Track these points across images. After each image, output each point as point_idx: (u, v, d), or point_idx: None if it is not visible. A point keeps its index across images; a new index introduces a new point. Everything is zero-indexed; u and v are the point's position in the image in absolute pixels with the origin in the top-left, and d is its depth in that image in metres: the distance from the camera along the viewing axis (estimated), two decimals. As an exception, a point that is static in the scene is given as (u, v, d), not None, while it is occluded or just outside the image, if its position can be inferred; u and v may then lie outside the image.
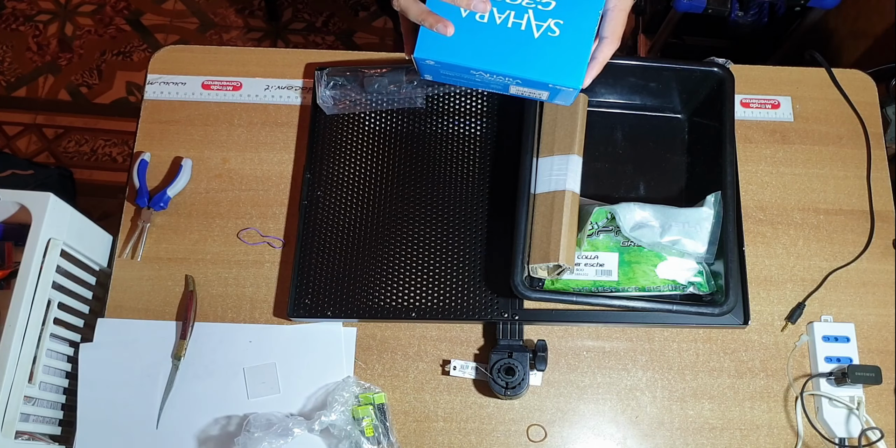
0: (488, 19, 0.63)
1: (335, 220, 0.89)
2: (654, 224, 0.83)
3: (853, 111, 0.97)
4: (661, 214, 0.84)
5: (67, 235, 0.80)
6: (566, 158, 0.85)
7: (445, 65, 0.65)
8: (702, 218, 0.83)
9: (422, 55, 0.64)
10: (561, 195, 0.83)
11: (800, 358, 0.86)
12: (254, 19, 2.00)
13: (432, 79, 0.69)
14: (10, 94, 1.91)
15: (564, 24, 0.63)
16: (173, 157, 0.95)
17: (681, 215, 0.84)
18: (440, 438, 0.83)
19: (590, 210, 0.85)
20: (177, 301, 0.88)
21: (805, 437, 0.83)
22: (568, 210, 0.82)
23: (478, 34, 0.63)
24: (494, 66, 0.63)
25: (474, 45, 0.63)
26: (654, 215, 0.84)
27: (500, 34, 0.63)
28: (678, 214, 0.84)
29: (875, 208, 0.93)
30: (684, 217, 0.83)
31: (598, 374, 0.86)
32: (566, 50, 0.63)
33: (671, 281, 0.83)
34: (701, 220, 0.83)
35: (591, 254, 0.85)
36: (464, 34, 0.63)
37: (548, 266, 0.81)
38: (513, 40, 0.63)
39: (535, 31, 0.63)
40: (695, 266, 0.84)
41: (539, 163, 0.86)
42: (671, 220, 0.83)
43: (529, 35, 0.63)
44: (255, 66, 0.99)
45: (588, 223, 0.84)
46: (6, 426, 0.72)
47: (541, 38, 0.63)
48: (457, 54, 0.63)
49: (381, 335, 0.87)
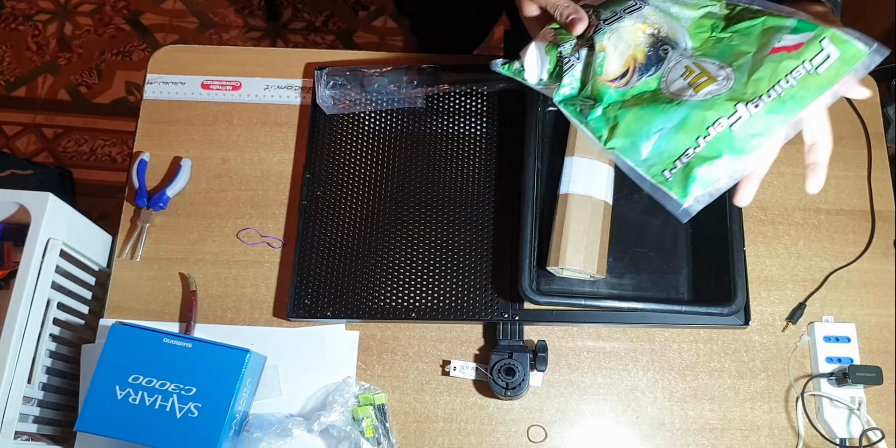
0: (139, 401, 0.76)
1: (335, 220, 0.89)
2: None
3: (854, 111, 0.97)
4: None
5: (67, 235, 0.80)
6: (606, 168, 0.86)
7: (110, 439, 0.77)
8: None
9: (83, 428, 0.76)
10: (600, 203, 0.84)
11: (801, 358, 0.86)
12: (253, 19, 2.00)
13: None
14: (9, 93, 1.91)
15: (202, 407, 0.76)
16: (172, 157, 0.95)
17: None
18: (440, 439, 0.83)
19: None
20: (176, 301, 0.88)
21: (806, 437, 0.83)
22: (607, 221, 0.84)
23: (131, 413, 0.76)
24: (143, 440, 0.75)
25: (129, 422, 0.76)
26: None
27: (149, 414, 0.76)
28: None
29: (876, 208, 0.92)
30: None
31: (599, 375, 0.86)
32: (203, 427, 0.76)
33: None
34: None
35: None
36: (120, 413, 0.76)
37: (580, 271, 0.82)
38: (159, 419, 0.76)
39: (178, 411, 0.76)
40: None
41: (574, 162, 0.86)
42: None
43: (173, 415, 0.76)
44: (254, 66, 0.99)
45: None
46: (5, 426, 0.72)
47: (182, 418, 0.76)
48: (114, 430, 0.76)
49: (381, 336, 0.87)
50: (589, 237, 0.82)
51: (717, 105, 0.64)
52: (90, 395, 0.76)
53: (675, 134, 0.64)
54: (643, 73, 0.67)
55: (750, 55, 0.65)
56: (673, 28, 0.68)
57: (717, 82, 0.65)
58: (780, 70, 0.64)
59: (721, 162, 0.63)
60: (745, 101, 0.63)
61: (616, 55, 0.66)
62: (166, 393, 0.76)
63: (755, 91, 0.64)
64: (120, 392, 0.76)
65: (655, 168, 0.64)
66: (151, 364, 0.77)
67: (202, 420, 0.75)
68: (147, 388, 0.76)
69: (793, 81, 0.64)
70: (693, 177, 0.64)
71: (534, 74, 0.70)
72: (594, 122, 0.67)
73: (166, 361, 0.77)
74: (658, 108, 0.65)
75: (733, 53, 0.66)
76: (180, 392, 0.76)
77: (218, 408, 0.76)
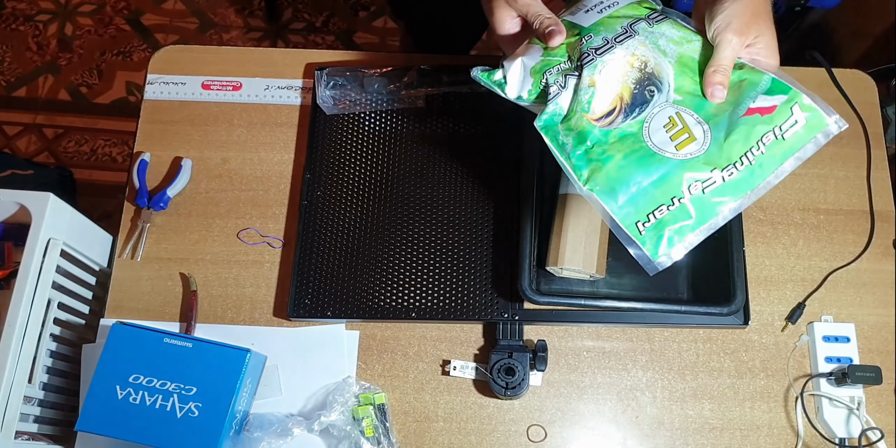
0: (139, 401, 0.76)
1: (335, 220, 0.89)
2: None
3: (853, 111, 0.97)
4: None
5: (67, 235, 0.80)
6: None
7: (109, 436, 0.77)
8: None
9: (83, 428, 0.76)
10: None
11: (800, 358, 0.86)
12: (254, 19, 2.00)
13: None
14: (9, 94, 1.91)
15: (202, 407, 0.76)
16: (173, 158, 0.95)
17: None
18: (440, 438, 0.83)
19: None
20: (177, 301, 0.88)
21: (805, 437, 0.83)
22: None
23: (131, 413, 0.76)
24: (143, 439, 0.75)
25: (129, 421, 0.76)
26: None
27: (150, 414, 0.76)
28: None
29: (875, 208, 0.93)
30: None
31: (598, 375, 0.86)
32: (203, 427, 0.76)
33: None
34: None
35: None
36: (120, 413, 0.76)
37: (579, 271, 0.82)
38: (159, 419, 0.76)
39: (178, 411, 0.76)
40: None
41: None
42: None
43: (173, 414, 0.76)
44: (255, 66, 0.99)
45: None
46: (6, 426, 0.72)
47: (182, 418, 0.76)
48: (114, 429, 0.76)
49: (381, 335, 0.87)
50: (588, 237, 0.82)
51: (695, 167, 0.66)
52: (91, 394, 0.76)
53: (652, 189, 0.66)
54: (628, 115, 0.68)
55: (727, 114, 0.68)
56: (659, 64, 0.69)
57: (696, 142, 0.67)
58: (752, 135, 0.67)
59: (691, 222, 0.66)
60: (721, 167, 0.66)
61: (605, 92, 0.68)
62: (167, 393, 0.76)
63: (729, 157, 0.66)
64: (120, 392, 0.76)
65: (630, 218, 0.66)
66: (152, 364, 0.77)
67: (202, 420, 0.75)
68: (147, 388, 0.76)
69: (763, 149, 0.67)
70: (663, 235, 0.66)
71: (514, 90, 0.70)
72: (576, 160, 0.68)
73: (167, 361, 0.77)
74: (641, 160, 0.67)
75: (712, 108, 0.68)
76: (181, 392, 0.76)
77: (218, 407, 0.76)
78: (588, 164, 0.67)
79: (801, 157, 0.67)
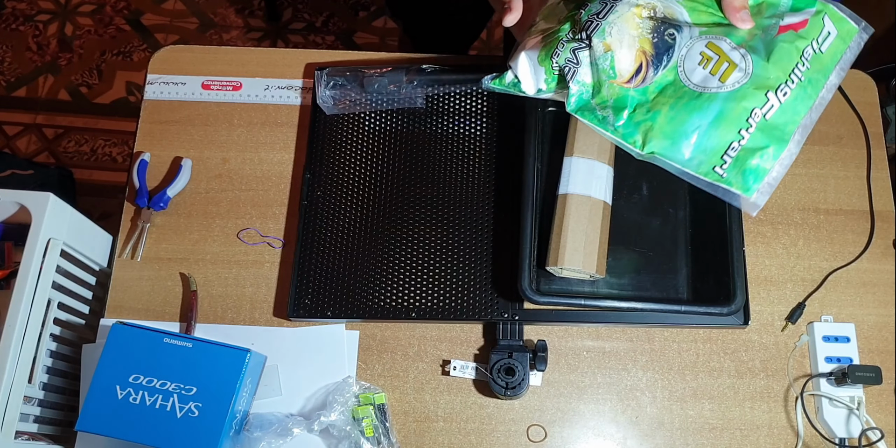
0: (139, 401, 0.76)
1: (335, 220, 0.89)
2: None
3: (853, 111, 0.97)
4: None
5: (67, 235, 0.80)
6: (606, 168, 0.86)
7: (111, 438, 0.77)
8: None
9: (83, 428, 0.76)
10: (599, 203, 0.84)
11: (800, 358, 0.86)
12: (254, 19, 2.00)
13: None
14: (9, 94, 1.91)
15: (202, 407, 0.76)
16: (173, 158, 0.95)
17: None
18: (440, 438, 0.83)
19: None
20: (177, 301, 0.88)
21: (805, 437, 0.83)
22: (606, 221, 0.83)
23: (131, 413, 0.76)
24: (143, 439, 0.75)
25: (129, 421, 0.76)
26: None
27: (150, 414, 0.76)
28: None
29: (875, 208, 0.93)
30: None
31: (598, 375, 0.86)
32: (203, 427, 0.75)
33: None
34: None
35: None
36: (120, 413, 0.76)
37: (579, 271, 0.82)
38: (159, 419, 0.76)
39: (178, 411, 0.76)
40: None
41: (573, 162, 0.86)
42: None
43: (173, 414, 0.75)
44: (255, 66, 0.99)
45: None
46: (6, 426, 0.72)
47: (182, 418, 0.76)
48: (114, 429, 0.76)
49: (381, 335, 0.87)
50: (588, 237, 0.82)
51: (748, 95, 0.63)
52: (91, 394, 0.76)
53: (714, 129, 0.63)
54: (657, 66, 0.65)
55: (758, 37, 0.64)
56: (668, 6, 0.66)
57: (738, 68, 0.64)
58: (794, 51, 0.64)
59: (769, 151, 0.63)
60: (773, 89, 0.63)
61: (624, 52, 0.64)
62: (167, 392, 0.76)
63: (778, 77, 0.63)
64: (120, 392, 0.76)
65: (704, 167, 0.63)
66: (152, 364, 0.77)
67: (202, 420, 0.75)
68: (147, 388, 0.76)
69: (807, 64, 0.64)
70: (748, 169, 0.63)
71: (530, 85, 0.68)
72: (623, 129, 0.65)
73: (167, 361, 0.77)
74: (689, 105, 0.64)
75: (741, 34, 0.65)
76: (181, 392, 0.76)
77: (218, 407, 0.76)
78: (638, 129, 0.64)
79: (843, 68, 0.65)
